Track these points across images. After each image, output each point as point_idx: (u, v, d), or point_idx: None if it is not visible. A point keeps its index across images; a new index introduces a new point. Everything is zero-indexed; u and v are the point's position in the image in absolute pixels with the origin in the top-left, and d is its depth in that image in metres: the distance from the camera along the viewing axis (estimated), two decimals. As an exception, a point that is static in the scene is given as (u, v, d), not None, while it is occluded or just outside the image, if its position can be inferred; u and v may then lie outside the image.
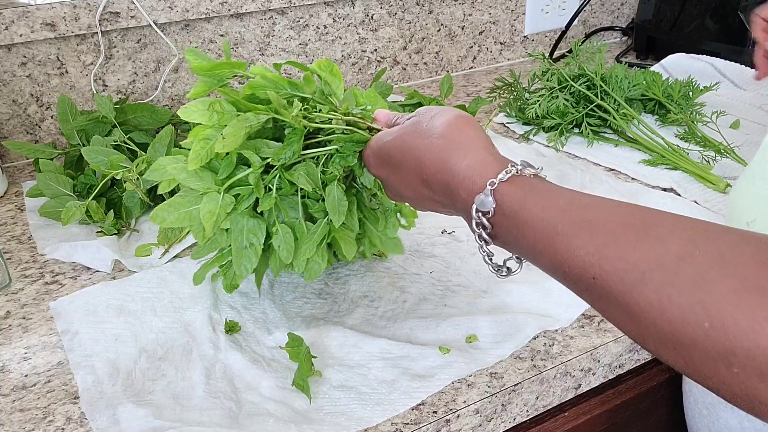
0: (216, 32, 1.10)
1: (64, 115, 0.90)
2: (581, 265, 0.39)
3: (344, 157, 0.59)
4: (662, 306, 0.35)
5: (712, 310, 0.33)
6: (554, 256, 0.41)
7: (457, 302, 0.68)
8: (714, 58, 1.20)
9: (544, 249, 0.42)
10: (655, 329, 0.36)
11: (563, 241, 0.40)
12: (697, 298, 0.34)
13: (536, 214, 0.42)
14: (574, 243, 0.40)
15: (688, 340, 0.34)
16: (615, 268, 0.37)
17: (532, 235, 0.42)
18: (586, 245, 0.39)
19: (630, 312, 0.37)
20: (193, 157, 0.57)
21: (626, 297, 0.37)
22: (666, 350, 0.36)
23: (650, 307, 0.36)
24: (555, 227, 0.41)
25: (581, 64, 1.02)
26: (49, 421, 0.56)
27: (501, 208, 0.44)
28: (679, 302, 0.34)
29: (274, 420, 0.55)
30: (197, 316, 0.67)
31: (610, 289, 0.38)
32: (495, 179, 0.45)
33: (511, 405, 0.59)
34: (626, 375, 0.71)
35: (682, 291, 0.34)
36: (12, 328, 0.67)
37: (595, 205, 0.41)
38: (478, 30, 1.34)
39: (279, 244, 0.61)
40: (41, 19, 0.96)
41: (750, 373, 0.32)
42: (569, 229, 0.40)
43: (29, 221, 0.85)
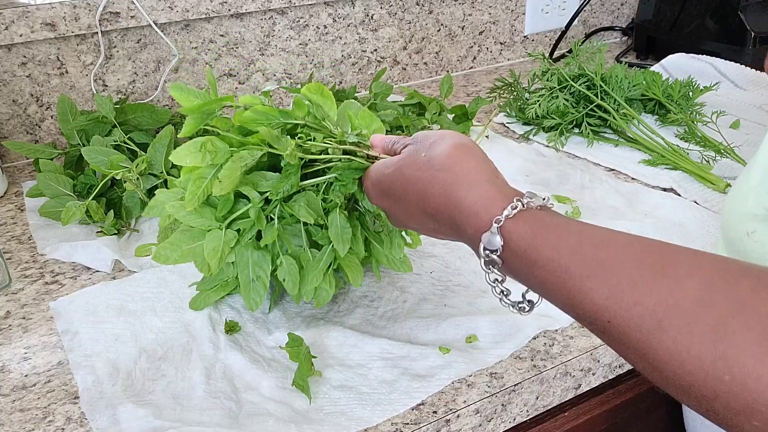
0: (216, 32, 1.10)
1: (64, 115, 0.90)
2: (595, 309, 0.38)
3: (344, 185, 0.58)
4: (681, 357, 0.34)
5: (732, 363, 0.32)
6: (567, 298, 0.39)
7: (457, 302, 0.68)
8: (714, 58, 1.20)
9: (556, 289, 0.40)
10: (675, 379, 0.34)
11: (575, 283, 0.39)
12: (718, 350, 0.32)
13: (546, 255, 0.41)
14: (587, 285, 0.38)
15: (710, 393, 0.33)
16: (630, 314, 0.36)
17: (542, 275, 0.41)
18: (599, 288, 0.37)
19: (649, 359, 0.35)
20: (190, 198, 0.56)
21: (644, 344, 0.35)
22: (688, 400, 0.35)
23: (669, 357, 0.34)
24: (566, 268, 0.39)
25: (581, 64, 1.02)
26: (49, 421, 0.56)
27: (509, 246, 0.42)
28: (699, 354, 0.33)
29: (274, 420, 0.55)
30: (197, 316, 0.67)
31: (626, 335, 0.36)
32: (501, 216, 0.43)
33: (511, 405, 0.59)
34: (626, 375, 0.71)
35: (701, 341, 0.33)
36: (12, 328, 0.67)
37: (608, 243, 0.39)
38: (478, 30, 1.34)
39: (284, 277, 0.60)
40: (41, 19, 0.96)
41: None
42: (581, 270, 0.39)
43: (29, 221, 0.85)
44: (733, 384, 0.32)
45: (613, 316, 0.37)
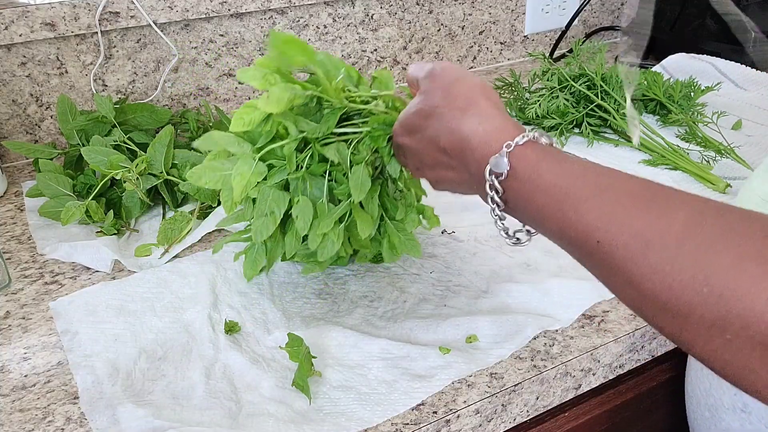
0: (216, 32, 1.10)
1: (64, 115, 0.90)
2: (587, 229, 0.40)
3: (375, 138, 0.61)
4: (664, 272, 0.36)
5: (712, 277, 0.34)
6: (561, 220, 0.42)
7: (458, 302, 0.68)
8: (715, 58, 1.20)
9: (552, 212, 0.42)
10: (654, 296, 0.36)
11: (572, 204, 0.41)
12: (700, 265, 0.34)
13: (549, 179, 0.43)
14: (583, 207, 0.41)
15: (686, 307, 0.35)
16: (620, 234, 0.38)
17: (542, 198, 0.43)
18: (593, 209, 0.40)
19: (631, 278, 0.38)
20: (236, 120, 0.59)
21: (628, 263, 0.38)
22: (662, 317, 0.37)
23: (652, 274, 0.36)
24: (566, 192, 0.42)
25: (581, 64, 1.02)
26: (48, 421, 0.56)
27: (515, 170, 0.45)
28: (680, 269, 0.35)
29: (274, 420, 0.55)
30: (197, 316, 0.67)
31: (613, 254, 0.38)
32: (512, 142, 0.45)
33: (511, 405, 0.59)
34: (626, 375, 0.71)
35: (684, 258, 0.35)
36: (12, 328, 0.67)
37: (609, 174, 0.42)
38: (478, 30, 1.34)
39: (297, 214, 0.62)
40: (41, 19, 0.96)
41: (743, 341, 0.33)
42: (580, 193, 0.41)
43: (29, 221, 0.85)
44: (710, 296, 0.34)
45: (603, 236, 0.39)
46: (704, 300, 0.34)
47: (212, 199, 0.82)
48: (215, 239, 0.80)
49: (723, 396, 0.63)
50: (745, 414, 0.61)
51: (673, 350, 0.70)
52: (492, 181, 0.46)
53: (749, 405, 0.61)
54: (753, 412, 0.60)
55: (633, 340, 0.64)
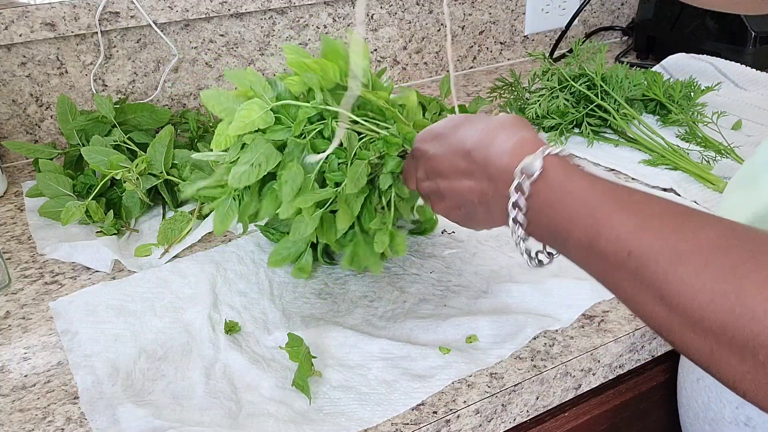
0: (216, 32, 1.10)
1: (64, 115, 0.90)
2: (619, 239, 0.40)
3: (390, 145, 0.62)
4: (695, 289, 0.36)
5: (744, 297, 0.34)
6: (593, 228, 0.42)
7: (457, 302, 0.68)
8: (714, 58, 1.20)
9: (584, 220, 0.43)
10: (685, 313, 0.36)
11: (604, 214, 0.41)
12: (731, 285, 0.35)
13: (583, 186, 0.44)
14: (615, 218, 0.41)
15: (717, 326, 0.35)
16: (652, 246, 0.38)
17: (572, 205, 0.43)
18: (626, 221, 0.40)
19: (661, 293, 0.38)
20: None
21: (659, 276, 0.38)
22: (693, 336, 0.37)
23: (683, 289, 0.36)
24: (599, 201, 0.42)
25: (581, 64, 1.02)
26: (48, 421, 0.56)
27: (547, 173, 0.45)
28: (712, 288, 0.35)
29: (274, 420, 0.55)
30: (197, 316, 0.67)
31: (644, 266, 0.38)
32: (547, 149, 0.46)
33: (511, 405, 0.59)
34: (626, 375, 0.71)
35: (716, 277, 0.35)
36: (12, 328, 0.67)
37: (641, 192, 0.43)
38: (478, 30, 1.34)
39: (287, 179, 0.60)
40: (41, 19, 0.96)
41: None
42: (613, 204, 0.42)
43: (29, 221, 0.85)
44: (742, 317, 0.34)
45: (636, 247, 0.39)
46: (736, 321, 0.34)
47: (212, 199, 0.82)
48: (215, 239, 0.80)
49: (724, 410, 0.61)
50: (749, 428, 0.59)
51: (672, 350, 0.70)
52: (522, 180, 0.46)
53: (753, 419, 0.59)
54: (758, 426, 0.59)
55: (633, 340, 0.64)
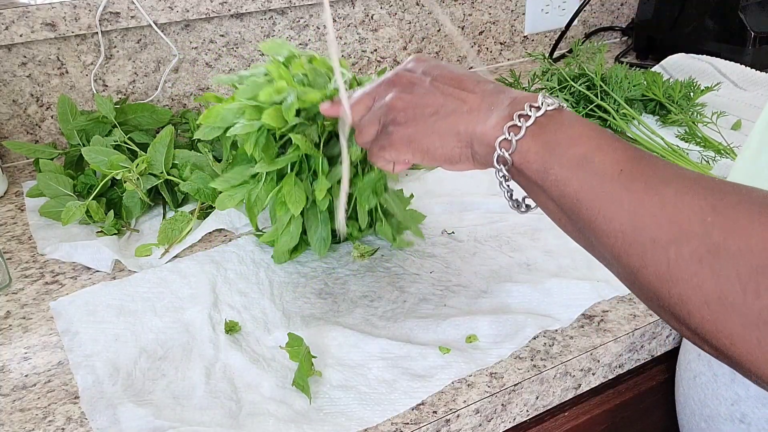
0: (216, 32, 1.10)
1: (64, 115, 0.90)
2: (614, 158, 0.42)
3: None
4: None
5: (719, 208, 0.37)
6: (586, 148, 0.43)
7: (457, 302, 0.68)
8: (714, 58, 1.20)
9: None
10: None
11: (599, 140, 0.43)
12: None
13: (584, 122, 0.45)
14: (615, 145, 0.43)
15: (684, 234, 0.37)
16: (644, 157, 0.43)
17: (569, 132, 0.44)
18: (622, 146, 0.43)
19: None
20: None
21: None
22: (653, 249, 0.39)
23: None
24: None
25: (581, 64, 1.02)
26: (49, 421, 0.56)
27: (547, 112, 0.46)
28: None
29: (274, 420, 0.55)
30: (197, 316, 0.67)
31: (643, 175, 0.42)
32: (538, 102, 0.46)
33: (511, 405, 0.59)
34: (626, 375, 0.71)
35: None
36: (12, 328, 0.67)
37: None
38: (478, 30, 1.34)
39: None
40: (41, 19, 0.96)
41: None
42: (608, 140, 0.44)
43: (29, 221, 0.85)
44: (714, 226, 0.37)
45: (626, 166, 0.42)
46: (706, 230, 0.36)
47: (212, 199, 0.82)
48: (215, 239, 0.80)
49: (719, 406, 0.61)
50: (744, 424, 0.59)
51: (672, 350, 0.70)
52: (526, 110, 0.46)
53: (748, 415, 0.59)
54: (753, 423, 0.59)
55: (632, 339, 0.64)
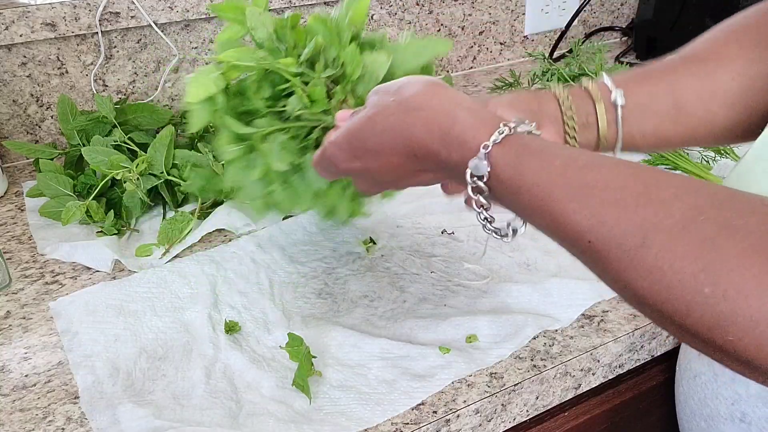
0: (216, 32, 1.10)
1: (64, 115, 0.90)
2: (578, 230, 0.38)
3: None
4: (662, 271, 0.34)
5: (714, 275, 0.32)
6: (550, 221, 0.40)
7: (457, 302, 0.68)
8: (714, 58, 1.20)
9: (540, 213, 0.40)
10: (652, 294, 0.35)
11: (558, 206, 0.39)
12: (700, 263, 0.33)
13: (530, 179, 0.41)
14: (570, 207, 0.38)
15: (684, 307, 0.33)
16: (613, 233, 0.36)
17: (527, 200, 0.41)
18: (582, 209, 0.38)
19: (626, 278, 0.36)
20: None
21: (624, 262, 0.36)
22: (661, 318, 0.35)
23: (648, 273, 0.35)
24: (550, 192, 0.40)
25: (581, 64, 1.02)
26: (49, 421, 0.56)
27: (495, 171, 0.42)
28: (680, 268, 0.33)
29: (274, 420, 0.55)
30: (197, 316, 0.67)
31: (607, 254, 0.37)
32: (488, 142, 0.43)
33: (511, 405, 0.59)
34: (626, 375, 0.71)
35: (684, 255, 0.33)
36: (12, 328, 0.67)
37: (593, 166, 0.39)
38: (478, 30, 1.34)
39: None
40: (41, 19, 0.96)
41: (747, 343, 0.32)
42: (565, 193, 0.39)
43: (29, 221, 0.85)
44: (712, 297, 0.32)
45: (596, 237, 0.37)
46: (705, 301, 0.32)
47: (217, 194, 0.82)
48: (215, 239, 0.80)
49: (720, 406, 0.61)
50: (744, 424, 0.59)
51: (672, 350, 0.70)
52: (475, 183, 0.43)
53: (748, 415, 0.59)
54: (753, 422, 0.59)
55: (632, 339, 0.64)
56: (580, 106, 0.55)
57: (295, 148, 0.62)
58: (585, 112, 0.55)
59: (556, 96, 0.55)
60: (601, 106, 0.55)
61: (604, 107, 0.55)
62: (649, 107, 0.56)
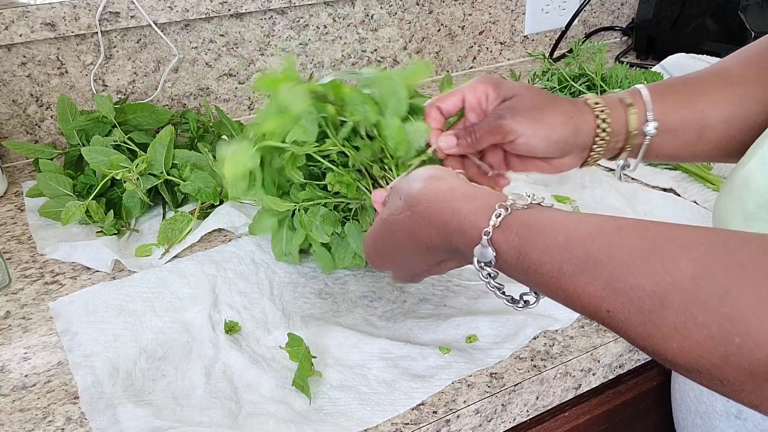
0: (216, 32, 1.10)
1: (64, 115, 0.90)
2: (594, 302, 0.38)
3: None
4: (687, 329, 0.33)
5: (739, 324, 0.32)
6: (564, 296, 0.40)
7: (457, 302, 0.68)
8: (714, 58, 1.19)
9: (553, 290, 0.40)
10: (683, 353, 0.34)
11: (569, 281, 0.39)
12: (723, 314, 0.32)
13: (536, 259, 0.41)
14: (581, 281, 0.38)
15: (720, 359, 0.33)
16: (629, 299, 0.36)
17: (537, 278, 0.41)
18: (594, 281, 0.38)
19: (654, 339, 0.35)
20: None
21: (648, 326, 0.35)
22: (698, 374, 0.35)
23: (674, 332, 0.34)
24: (559, 269, 0.40)
25: (581, 64, 1.02)
26: (49, 421, 0.56)
27: (501, 256, 0.43)
28: (704, 322, 0.33)
29: (274, 420, 0.55)
30: (197, 316, 0.67)
31: (628, 320, 0.36)
32: (488, 227, 0.43)
33: (511, 405, 0.59)
34: (626, 375, 0.71)
35: (705, 309, 0.33)
36: (12, 328, 0.67)
37: (596, 234, 0.39)
38: (478, 30, 1.34)
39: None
40: (41, 19, 0.96)
41: None
42: (573, 268, 0.39)
43: (29, 221, 0.85)
44: (744, 345, 0.32)
45: (612, 305, 0.37)
46: (738, 350, 0.32)
47: (213, 198, 0.82)
48: (215, 239, 0.80)
49: (715, 402, 0.61)
50: (740, 420, 0.59)
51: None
52: (483, 268, 0.44)
53: (744, 411, 0.59)
54: (748, 419, 0.59)
55: (633, 340, 0.64)
56: (615, 122, 0.58)
57: (336, 219, 0.65)
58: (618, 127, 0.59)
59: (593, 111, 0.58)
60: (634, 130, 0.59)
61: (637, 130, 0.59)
62: (676, 136, 0.59)
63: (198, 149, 0.87)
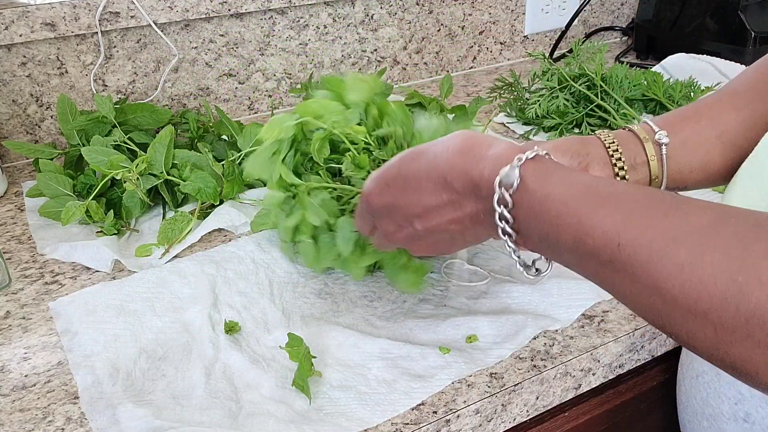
0: (216, 32, 1.10)
1: (64, 115, 0.90)
2: (606, 234, 0.39)
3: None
4: (693, 267, 0.34)
5: (748, 265, 0.33)
6: (578, 227, 0.41)
7: (457, 302, 0.68)
8: (714, 58, 1.20)
9: (568, 221, 0.41)
10: (685, 293, 0.35)
11: (588, 211, 0.40)
12: (733, 256, 0.33)
13: (561, 189, 0.42)
14: (600, 212, 0.40)
15: (720, 300, 0.33)
16: (644, 235, 0.37)
17: (555, 207, 0.42)
18: (612, 214, 0.39)
19: (657, 282, 0.36)
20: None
21: (653, 262, 0.36)
22: (695, 321, 0.35)
23: (680, 271, 0.35)
24: (581, 199, 0.41)
25: (581, 64, 1.02)
26: (49, 421, 0.56)
27: (525, 182, 0.44)
28: (712, 260, 0.34)
29: (274, 420, 0.55)
30: (197, 316, 0.67)
31: (636, 256, 0.37)
32: (522, 155, 0.44)
33: (511, 405, 0.59)
34: (626, 375, 0.71)
35: (716, 251, 0.34)
36: (12, 328, 0.67)
37: (622, 184, 0.42)
38: (478, 30, 1.34)
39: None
40: (41, 19, 0.96)
41: None
42: (595, 200, 0.41)
43: (29, 221, 0.85)
44: (745, 284, 0.32)
45: (626, 239, 0.38)
46: (740, 289, 0.33)
47: (213, 198, 0.82)
48: (215, 239, 0.80)
49: (722, 405, 0.61)
50: (748, 424, 0.59)
51: (672, 350, 0.70)
52: (502, 193, 0.44)
53: (752, 414, 0.59)
54: (756, 422, 0.58)
55: (633, 339, 0.64)
56: (626, 148, 0.57)
57: (334, 208, 0.66)
58: (632, 153, 0.57)
59: (601, 139, 0.57)
60: (649, 145, 0.57)
61: (652, 146, 0.57)
62: (693, 141, 0.58)
63: (198, 149, 0.87)
